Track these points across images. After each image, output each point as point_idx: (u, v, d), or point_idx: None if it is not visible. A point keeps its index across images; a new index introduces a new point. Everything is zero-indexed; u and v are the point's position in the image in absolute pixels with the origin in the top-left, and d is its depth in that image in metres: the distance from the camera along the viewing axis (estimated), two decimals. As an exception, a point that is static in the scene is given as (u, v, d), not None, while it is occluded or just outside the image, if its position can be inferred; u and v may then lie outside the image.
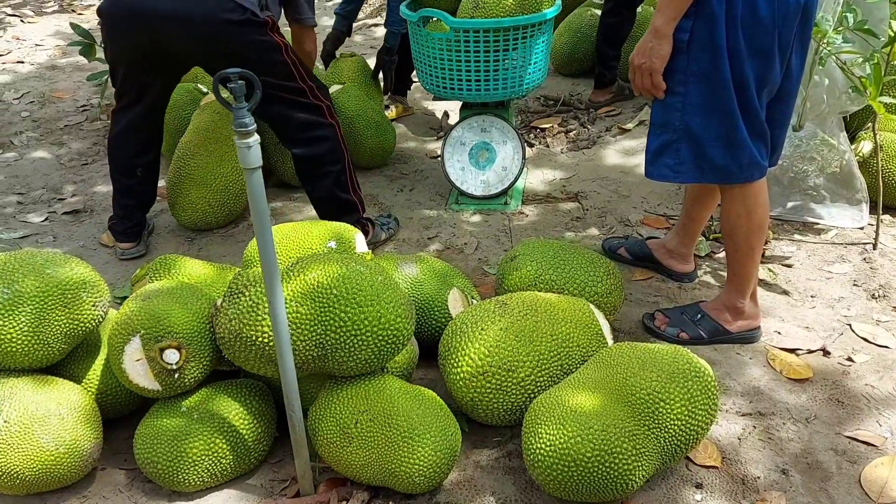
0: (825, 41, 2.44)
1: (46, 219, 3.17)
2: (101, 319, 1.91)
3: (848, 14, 2.43)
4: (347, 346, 1.74)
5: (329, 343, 1.73)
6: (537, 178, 3.37)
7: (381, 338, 1.75)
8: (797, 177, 2.93)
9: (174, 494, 1.85)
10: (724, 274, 2.62)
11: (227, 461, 1.82)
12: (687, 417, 1.73)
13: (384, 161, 3.54)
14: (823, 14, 2.50)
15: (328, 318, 1.72)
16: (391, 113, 3.99)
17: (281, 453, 1.98)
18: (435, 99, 3.41)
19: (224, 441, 1.80)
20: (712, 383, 1.79)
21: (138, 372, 1.77)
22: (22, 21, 5.95)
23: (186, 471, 1.77)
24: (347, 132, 3.29)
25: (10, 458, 1.70)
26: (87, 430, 1.81)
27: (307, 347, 1.73)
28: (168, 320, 1.79)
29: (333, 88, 3.47)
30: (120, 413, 2.02)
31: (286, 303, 1.72)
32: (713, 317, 2.31)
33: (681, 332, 2.30)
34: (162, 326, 1.78)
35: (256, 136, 1.41)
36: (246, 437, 1.84)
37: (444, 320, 2.18)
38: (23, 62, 5.05)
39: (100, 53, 3.73)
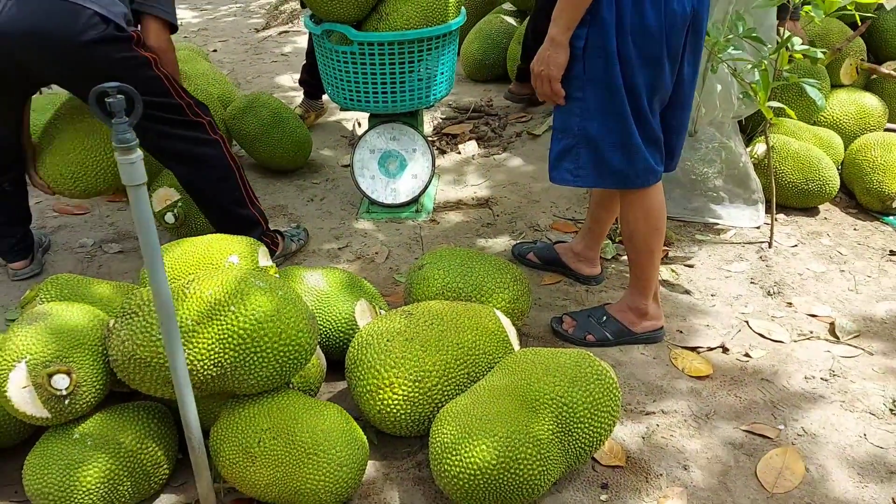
0: (716, 48, 2.54)
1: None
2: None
3: (738, 22, 2.53)
4: (247, 364, 1.70)
5: (228, 362, 1.69)
6: (449, 185, 3.39)
7: (282, 354, 1.72)
8: (698, 179, 3.04)
9: (69, 526, 1.77)
10: (629, 275, 2.70)
11: (125, 488, 1.75)
12: (590, 420, 1.76)
13: (302, 163, 3.49)
14: (714, 22, 2.60)
15: (226, 336, 1.68)
16: (309, 120, 3.94)
17: (184, 476, 1.91)
18: (342, 110, 3.37)
19: (121, 467, 1.73)
20: (614, 385, 1.83)
21: (25, 399, 1.69)
22: None
23: (81, 500, 1.69)
24: (265, 135, 3.24)
25: None
26: (-30, 463, 1.71)
27: (205, 367, 1.68)
28: (56, 343, 1.71)
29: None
30: (10, 443, 1.92)
31: (181, 322, 1.67)
32: (618, 318, 2.37)
33: (587, 334, 2.35)
34: (50, 351, 1.69)
35: (139, 153, 1.36)
36: (145, 461, 1.77)
37: (351, 333, 2.16)
38: None
39: None
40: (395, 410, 1.86)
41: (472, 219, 3.11)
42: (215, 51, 5.39)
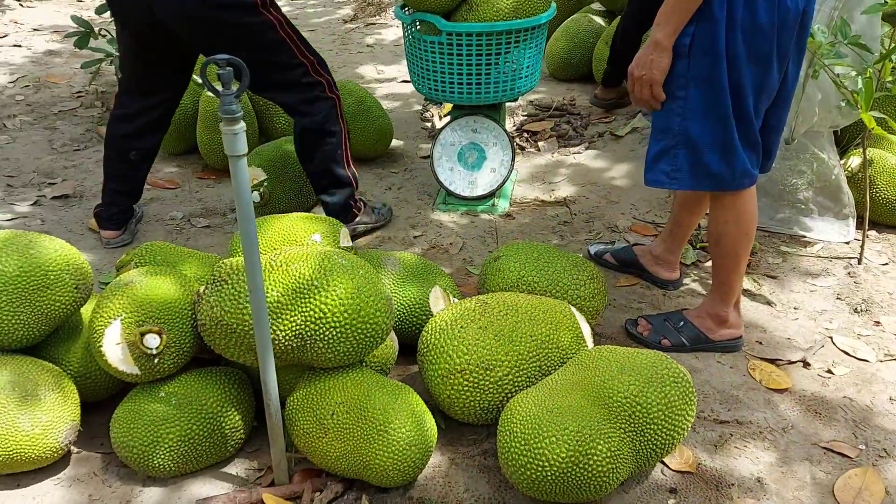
0: (819, 52, 2.46)
1: (35, 202, 3.16)
2: (82, 302, 1.90)
3: (843, 28, 2.44)
4: (326, 338, 1.74)
5: (308, 334, 1.74)
6: (526, 182, 3.39)
7: (359, 331, 1.76)
8: (787, 189, 2.95)
9: (149, 480, 1.85)
10: (710, 283, 2.64)
11: (204, 448, 1.82)
12: (664, 423, 1.74)
13: (383, 151, 3.54)
14: (819, 26, 2.52)
15: (308, 309, 1.73)
16: (444, 109, 3.97)
17: (258, 442, 1.98)
18: (426, 101, 3.39)
19: (202, 428, 1.80)
20: (690, 389, 1.80)
21: (118, 356, 1.77)
22: (21, 5, 5.93)
23: (162, 456, 1.77)
24: (348, 122, 3.31)
25: (-16, 437, 1.70)
26: (63, 412, 1.80)
27: (287, 337, 1.73)
28: (150, 305, 1.79)
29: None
30: (98, 397, 2.02)
31: (267, 292, 1.72)
32: (696, 324, 2.33)
33: (663, 338, 2.31)
34: (143, 311, 1.78)
35: (242, 124, 1.41)
36: (224, 425, 1.84)
37: (424, 318, 2.19)
38: (19, 46, 5.04)
39: (94, 43, 3.74)
40: (464, 396, 1.88)
41: (549, 216, 3.10)
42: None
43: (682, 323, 2.34)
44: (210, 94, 1.14)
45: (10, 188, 3.28)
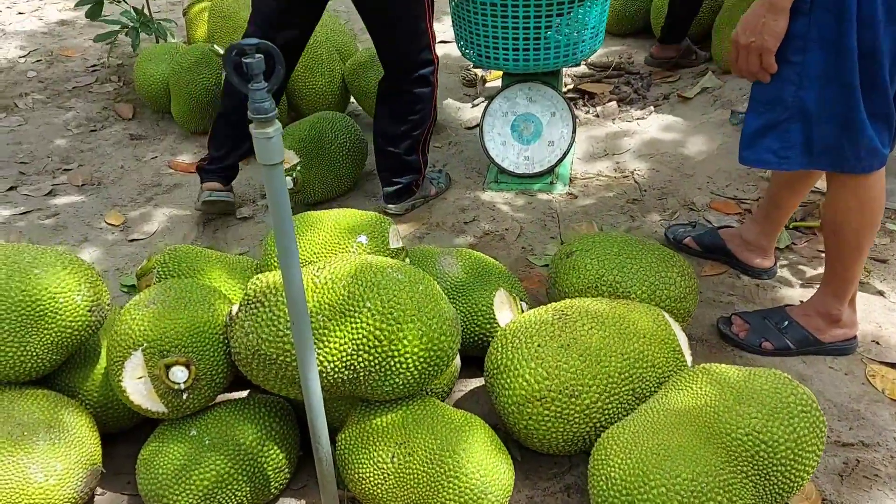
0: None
1: (50, 192, 2.91)
2: (98, 326, 1.64)
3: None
4: (383, 370, 1.46)
5: (361, 366, 1.45)
6: (586, 153, 3.04)
7: (422, 360, 1.47)
8: (891, 156, 2.57)
9: (182, 529, 1.61)
10: (807, 269, 2.31)
11: (244, 493, 1.56)
12: (792, 462, 1.44)
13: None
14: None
15: (360, 336, 1.44)
16: (490, 73, 3.65)
17: (305, 477, 1.72)
18: (475, 67, 3.04)
19: (239, 471, 1.55)
20: (820, 419, 1.49)
21: (140, 391, 1.51)
22: (33, -28, 5.62)
23: (195, 506, 1.52)
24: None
25: (-9, 491, 1.46)
26: (81, 455, 1.55)
27: (336, 370, 1.46)
28: (175, 331, 1.52)
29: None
30: (123, 427, 1.77)
31: (312, 316, 1.44)
32: (803, 324, 2.00)
33: (763, 340, 2.00)
34: (168, 339, 1.51)
35: (278, 125, 1.11)
36: (265, 465, 1.58)
37: (487, 326, 1.90)
38: (31, 16, 4.74)
39: (108, 11, 3.45)
40: (545, 427, 1.59)
41: (615, 194, 2.76)
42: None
43: (786, 323, 2.02)
44: (238, 86, 0.94)
45: (23, 176, 3.03)
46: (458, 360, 1.81)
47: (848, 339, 1.99)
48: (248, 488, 1.56)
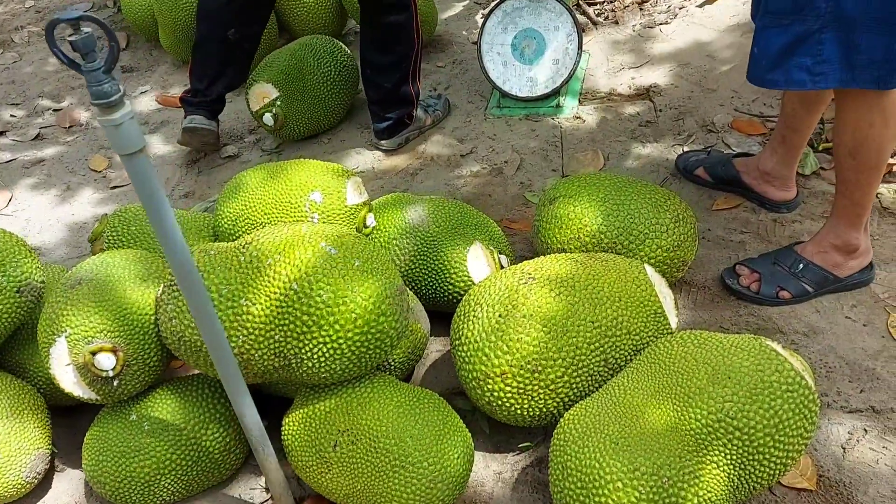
0: None
1: (38, 135, 2.83)
2: (31, 305, 1.56)
3: None
4: (315, 356, 1.34)
5: (292, 353, 1.33)
6: (601, 68, 2.76)
7: (359, 344, 1.34)
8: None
9: (138, 508, 1.57)
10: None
11: (190, 476, 1.50)
12: (773, 450, 1.27)
13: (426, 40, 2.97)
14: None
15: (288, 321, 1.31)
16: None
17: (267, 449, 1.65)
18: None
19: (182, 456, 1.47)
20: (809, 398, 1.30)
21: (70, 379, 1.44)
22: None
23: (139, 492, 1.47)
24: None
25: (-67, 480, 1.43)
26: (26, 440, 1.51)
27: (265, 357, 1.34)
28: (100, 315, 1.42)
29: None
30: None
31: (233, 300, 1.32)
32: (819, 262, 1.79)
33: (780, 289, 1.79)
34: (92, 324, 1.41)
35: (127, 107, 0.95)
36: (211, 448, 1.50)
37: (461, 284, 1.74)
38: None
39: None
40: (507, 404, 1.46)
41: (628, 115, 2.50)
42: None
43: (801, 265, 1.80)
44: (69, 66, 0.84)
45: (13, 119, 2.95)
46: (426, 324, 1.67)
47: (864, 268, 1.78)
48: (194, 472, 1.50)
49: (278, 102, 2.42)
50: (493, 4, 2.50)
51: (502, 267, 1.78)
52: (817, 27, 1.45)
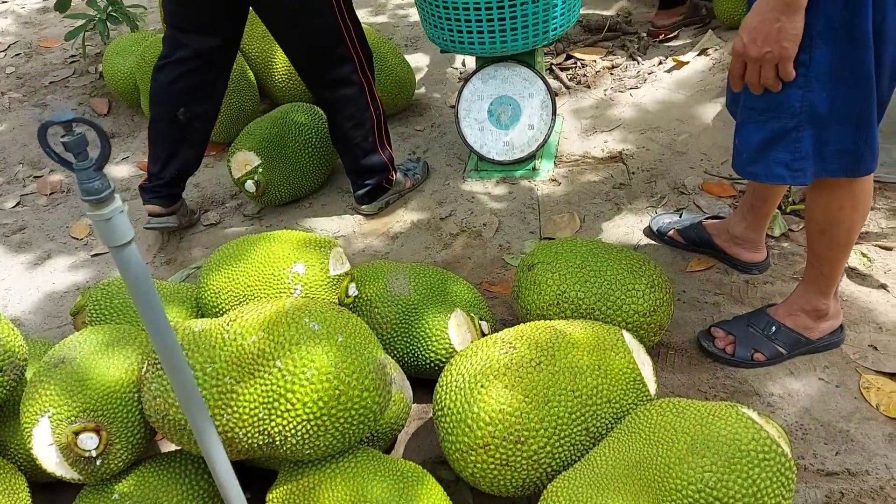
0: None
1: (18, 203, 2.84)
2: (13, 384, 1.55)
3: None
4: (299, 434, 1.35)
5: (276, 430, 1.34)
6: (574, 130, 2.84)
7: (342, 420, 1.35)
8: (899, 122, 2.33)
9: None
10: (804, 260, 2.11)
11: (175, 554, 1.48)
12: (751, 519, 1.29)
13: (405, 105, 3.05)
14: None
15: (271, 399, 1.33)
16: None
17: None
18: (442, 52, 2.82)
19: (168, 532, 1.46)
20: (786, 465, 1.33)
21: (53, 459, 1.43)
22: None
23: (121, 573, 1.45)
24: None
25: None
26: (5, 520, 1.49)
27: (249, 435, 1.35)
28: (83, 395, 1.42)
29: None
30: (63, 475, 1.70)
31: (218, 378, 1.33)
32: (790, 325, 1.83)
33: (754, 352, 1.83)
34: (75, 403, 1.41)
35: (117, 202, 0.98)
36: (195, 525, 1.49)
37: (443, 352, 1.77)
38: (13, 4, 4.63)
39: (76, 5, 3.31)
40: (491, 475, 1.47)
41: (602, 177, 2.57)
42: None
43: (773, 328, 1.84)
44: (60, 165, 0.86)
45: (-6, 185, 2.96)
46: (408, 395, 1.69)
47: (835, 329, 1.83)
48: (178, 550, 1.48)
49: (260, 170, 2.46)
50: (469, 73, 2.58)
51: (483, 333, 1.81)
52: (793, 125, 1.49)
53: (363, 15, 4.09)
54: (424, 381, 1.83)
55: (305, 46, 2.21)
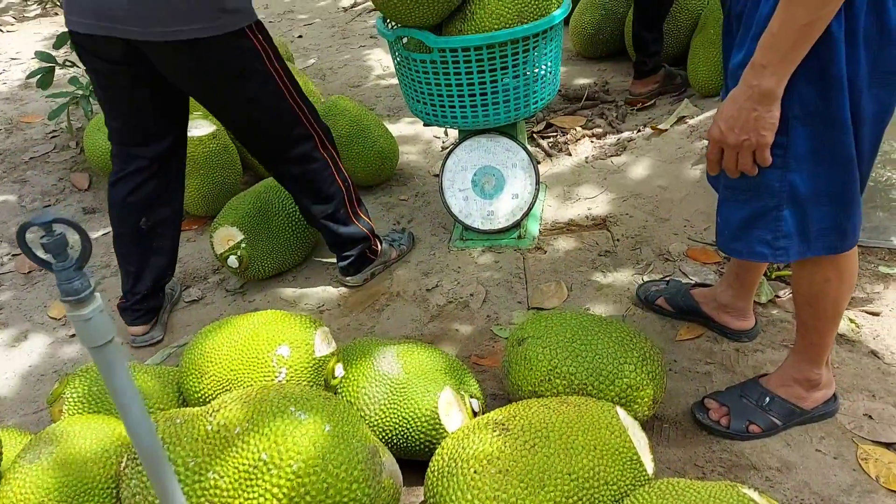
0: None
1: (-5, 283, 2.79)
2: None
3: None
4: (287, 530, 1.29)
5: (262, 527, 1.29)
6: (557, 199, 2.86)
7: (332, 514, 1.30)
8: (878, 187, 2.37)
9: None
10: (792, 326, 2.11)
11: None
12: None
13: (388, 175, 3.06)
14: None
15: (257, 494, 1.27)
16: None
17: None
18: (425, 125, 2.84)
19: None
20: (792, 548, 1.30)
21: (25, 562, 1.36)
22: (1, 30, 5.53)
23: None
24: (343, 148, 2.82)
25: None
26: None
27: (234, 533, 1.29)
28: (60, 492, 1.36)
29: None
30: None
31: (200, 473, 1.28)
32: (783, 396, 1.81)
33: (749, 424, 1.80)
34: (51, 500, 1.35)
35: (97, 302, 0.95)
36: None
37: (433, 432, 1.72)
38: (-3, 79, 4.66)
39: (58, 81, 3.32)
40: (487, 565, 1.42)
41: (587, 245, 2.57)
42: (300, 37, 5.01)
43: (767, 399, 1.82)
44: (41, 265, 0.86)
45: (-28, 265, 2.91)
46: (398, 481, 1.62)
47: (828, 399, 1.81)
48: None
49: (243, 245, 2.44)
50: (452, 143, 2.60)
51: (474, 412, 1.77)
52: (774, 204, 1.49)
53: (342, 87, 4.15)
54: (414, 462, 1.78)
55: (263, 134, 2.17)
